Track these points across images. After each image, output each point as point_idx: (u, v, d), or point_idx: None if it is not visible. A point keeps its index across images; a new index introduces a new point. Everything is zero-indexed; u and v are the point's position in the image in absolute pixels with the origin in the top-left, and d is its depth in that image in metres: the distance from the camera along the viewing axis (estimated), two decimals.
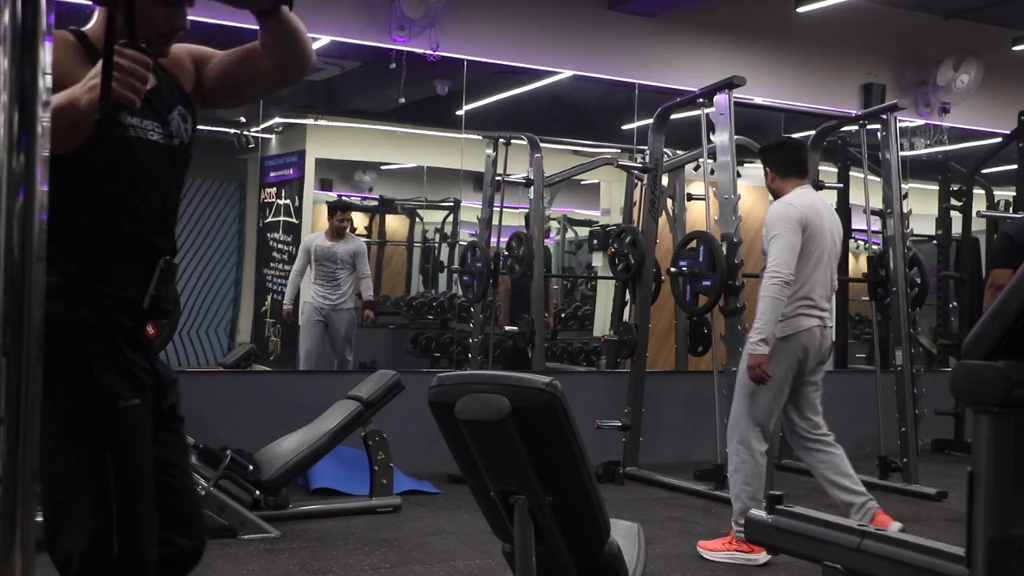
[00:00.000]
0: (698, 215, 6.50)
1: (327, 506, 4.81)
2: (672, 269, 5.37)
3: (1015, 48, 8.13)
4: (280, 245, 7.12)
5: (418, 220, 8.80)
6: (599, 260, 8.13)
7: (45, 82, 1.06)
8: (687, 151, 6.43)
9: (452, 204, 8.57)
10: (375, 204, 8.56)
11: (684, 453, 6.29)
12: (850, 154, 7.32)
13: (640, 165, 6.10)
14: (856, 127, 6.25)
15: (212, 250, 7.56)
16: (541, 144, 6.40)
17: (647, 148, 6.09)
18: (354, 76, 7.30)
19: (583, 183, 8.58)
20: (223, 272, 7.63)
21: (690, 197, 6.70)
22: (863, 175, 6.29)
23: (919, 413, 5.93)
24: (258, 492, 4.43)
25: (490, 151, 6.77)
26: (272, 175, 7.47)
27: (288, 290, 6.84)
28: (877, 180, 6.15)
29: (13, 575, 1.04)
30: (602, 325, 7.77)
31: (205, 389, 5.47)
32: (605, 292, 7.86)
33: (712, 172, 5.53)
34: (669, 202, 6.59)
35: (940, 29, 7.97)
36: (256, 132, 7.24)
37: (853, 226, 7.36)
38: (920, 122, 8.07)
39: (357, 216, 7.93)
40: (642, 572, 2.53)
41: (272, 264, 7.15)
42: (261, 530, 4.29)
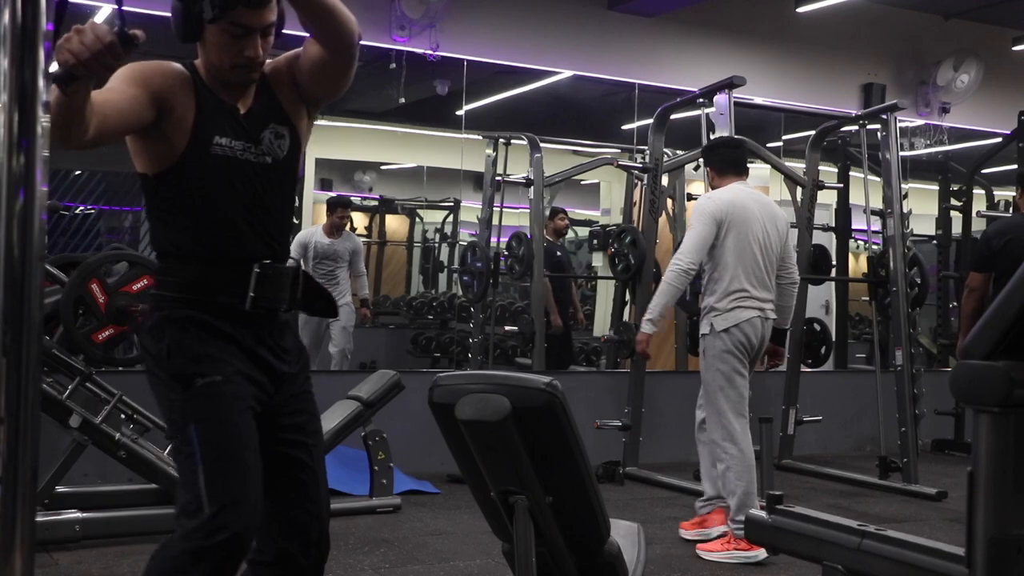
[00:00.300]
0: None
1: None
2: None
3: (1015, 48, 8.13)
4: None
5: (418, 220, 8.79)
6: (599, 260, 8.12)
7: (45, 82, 1.06)
8: (687, 151, 6.42)
9: (452, 204, 8.56)
10: (375, 204, 8.55)
11: (684, 453, 6.28)
12: (850, 154, 7.32)
13: (640, 165, 6.10)
14: (856, 127, 6.25)
15: None
16: (541, 144, 6.39)
17: (647, 148, 6.09)
18: (354, 76, 7.28)
19: (583, 183, 8.57)
20: None
21: (690, 197, 6.69)
22: (863, 175, 6.29)
23: (919, 413, 5.93)
24: None
25: (490, 151, 6.76)
26: None
27: None
28: (877, 180, 6.15)
29: (13, 575, 1.04)
30: (602, 325, 7.77)
31: None
32: (605, 292, 7.85)
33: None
34: (669, 202, 6.58)
35: (940, 29, 7.98)
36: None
37: (853, 226, 7.36)
38: (920, 122, 8.07)
39: (357, 216, 7.93)
40: (642, 572, 2.53)
41: None
42: None
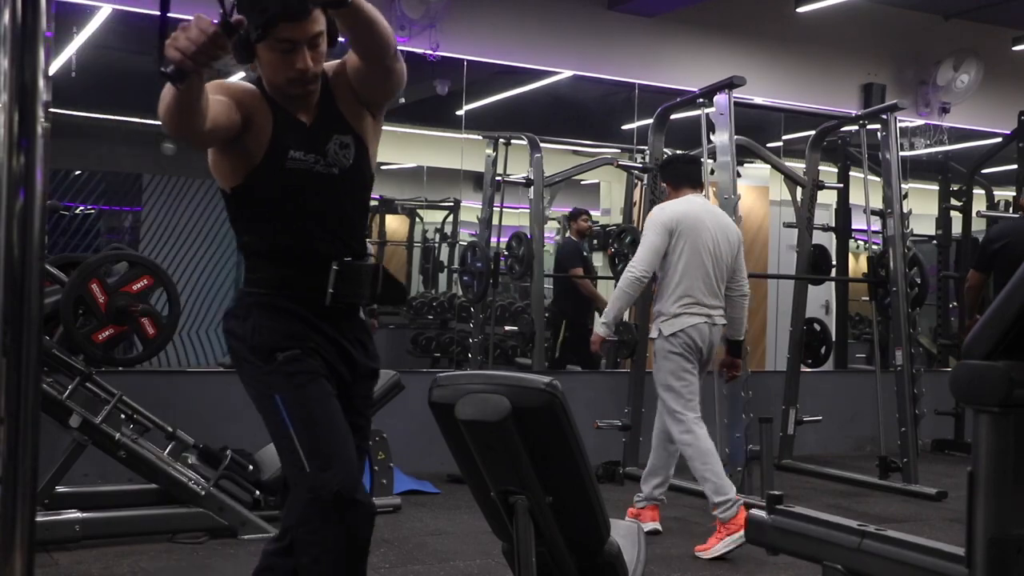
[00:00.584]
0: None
1: None
2: None
3: (1015, 48, 8.13)
4: None
5: (418, 220, 8.78)
6: (599, 260, 8.11)
7: (45, 82, 1.06)
8: (687, 151, 6.42)
9: (452, 204, 8.56)
10: (375, 204, 8.55)
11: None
12: (850, 154, 7.32)
13: (640, 165, 6.09)
14: (856, 127, 6.25)
15: (212, 250, 7.55)
16: (541, 144, 6.39)
17: (647, 148, 6.09)
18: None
19: (583, 183, 8.56)
20: (223, 272, 7.62)
21: None
22: (863, 175, 6.29)
23: (919, 413, 5.93)
24: (258, 492, 4.43)
25: (490, 151, 6.76)
26: None
27: None
28: (877, 180, 6.15)
29: (13, 575, 1.04)
30: None
31: (205, 389, 5.45)
32: (605, 292, 7.85)
33: (712, 172, 5.52)
34: None
35: (940, 29, 7.97)
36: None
37: (853, 226, 7.36)
38: (920, 122, 8.07)
39: None
40: (642, 572, 2.53)
41: None
42: (261, 530, 4.29)
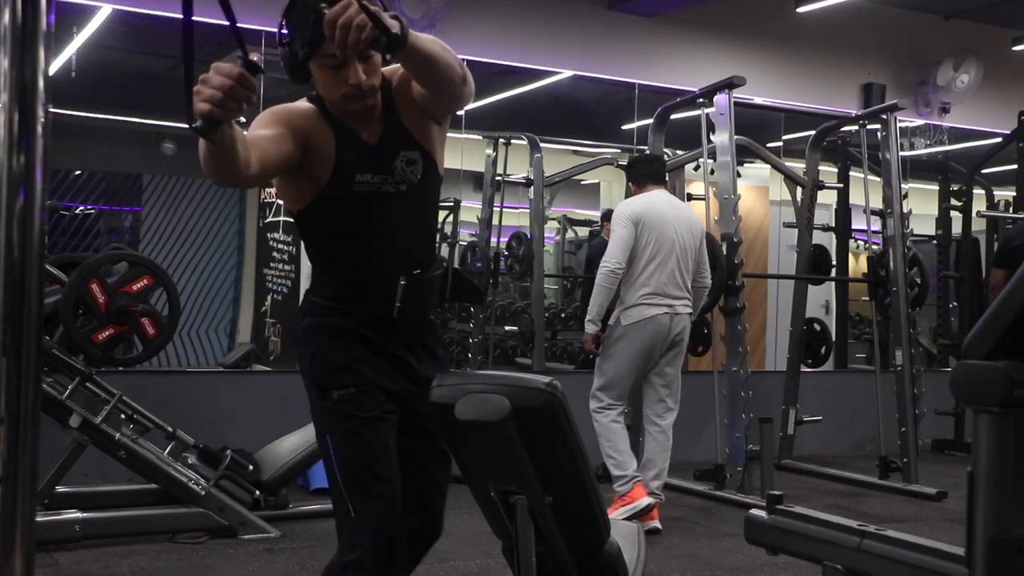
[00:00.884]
0: (698, 215, 6.48)
1: (327, 506, 4.76)
2: None
3: (1015, 48, 8.13)
4: (280, 245, 7.08)
5: None
6: None
7: (45, 82, 1.06)
8: (687, 151, 6.42)
9: (452, 204, 8.56)
10: None
11: (684, 453, 6.27)
12: (850, 154, 7.32)
13: None
14: (856, 127, 6.25)
15: (212, 250, 7.55)
16: (541, 144, 6.39)
17: (647, 148, 6.09)
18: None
19: (583, 183, 8.57)
20: (223, 272, 7.62)
21: (690, 197, 6.69)
22: (863, 175, 6.29)
23: (919, 413, 5.93)
24: (258, 492, 4.43)
25: (490, 151, 6.76)
26: None
27: None
28: (877, 180, 6.15)
29: (13, 575, 1.04)
30: None
31: (205, 389, 5.46)
32: None
33: (712, 172, 5.53)
34: None
35: (940, 29, 7.97)
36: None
37: (853, 226, 7.36)
38: (920, 122, 8.07)
39: None
40: (642, 572, 2.53)
41: (272, 264, 7.12)
42: (261, 530, 4.29)
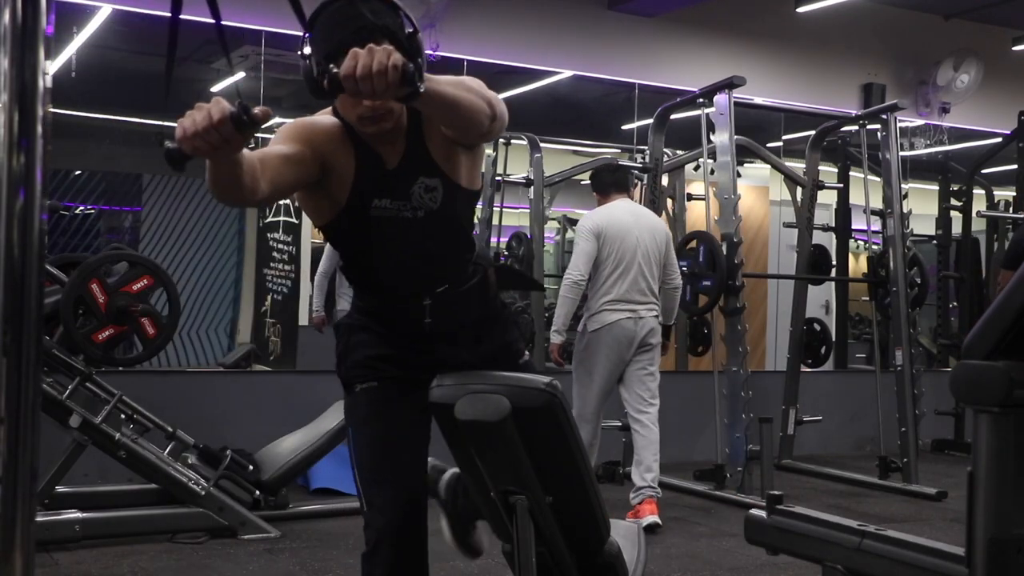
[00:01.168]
0: (698, 215, 6.50)
1: (327, 506, 4.81)
2: None
3: (1015, 48, 8.13)
4: (280, 245, 7.08)
5: None
6: None
7: (45, 82, 1.06)
8: (687, 151, 6.42)
9: None
10: None
11: (684, 453, 6.29)
12: (850, 154, 7.32)
13: (640, 165, 6.09)
14: (856, 127, 6.25)
15: (212, 250, 7.55)
16: (541, 144, 6.38)
17: (647, 148, 6.09)
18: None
19: (583, 183, 8.55)
20: (223, 272, 7.63)
21: (690, 197, 6.70)
22: (863, 175, 6.28)
23: (919, 413, 5.93)
24: (258, 492, 4.43)
25: (490, 151, 6.76)
26: None
27: (317, 295, 6.43)
28: (877, 180, 6.15)
29: (13, 575, 1.04)
30: None
31: (205, 389, 5.46)
32: None
33: (712, 172, 5.53)
34: (669, 202, 6.58)
35: (940, 29, 7.97)
36: (257, 132, 7.18)
37: (853, 226, 7.36)
38: (920, 122, 8.07)
39: None
40: (642, 572, 2.52)
41: (272, 264, 7.11)
42: (261, 530, 4.29)
